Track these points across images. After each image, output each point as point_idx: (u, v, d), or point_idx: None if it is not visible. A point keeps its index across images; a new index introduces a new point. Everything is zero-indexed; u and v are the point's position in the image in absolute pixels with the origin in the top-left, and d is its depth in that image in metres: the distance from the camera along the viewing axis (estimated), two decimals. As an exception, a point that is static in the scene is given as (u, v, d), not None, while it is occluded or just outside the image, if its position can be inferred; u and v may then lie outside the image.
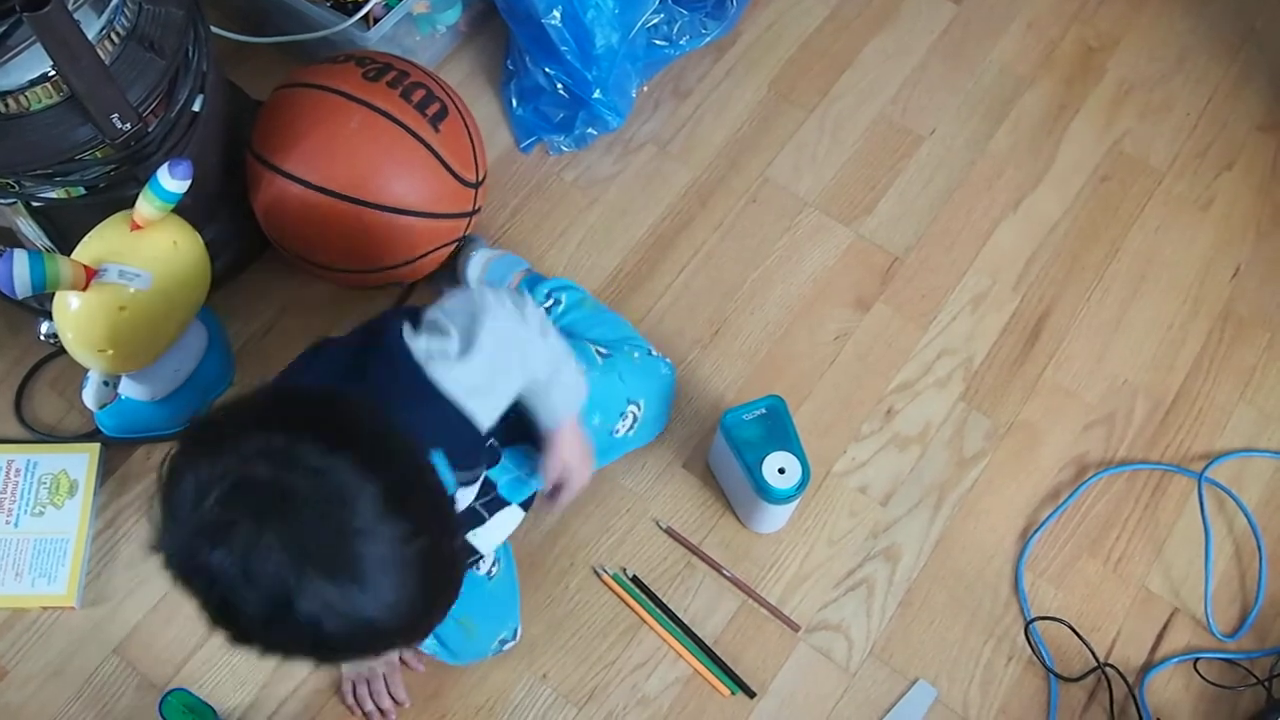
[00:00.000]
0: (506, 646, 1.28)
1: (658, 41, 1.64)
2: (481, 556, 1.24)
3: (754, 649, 1.33)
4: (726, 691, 1.30)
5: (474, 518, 1.20)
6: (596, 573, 1.36)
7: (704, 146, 1.66)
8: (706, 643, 1.32)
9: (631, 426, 1.36)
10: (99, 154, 1.21)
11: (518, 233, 1.57)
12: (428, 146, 1.35)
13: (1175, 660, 1.34)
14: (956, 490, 1.43)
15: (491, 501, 1.22)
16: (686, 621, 1.34)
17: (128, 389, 1.37)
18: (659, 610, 1.33)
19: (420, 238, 1.40)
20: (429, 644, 1.25)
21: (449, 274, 1.48)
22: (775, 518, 1.36)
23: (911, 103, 1.71)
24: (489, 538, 1.23)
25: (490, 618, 1.27)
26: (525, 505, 1.26)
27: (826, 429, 1.45)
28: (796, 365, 1.50)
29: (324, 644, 0.76)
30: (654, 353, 1.40)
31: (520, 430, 1.18)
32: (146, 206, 1.18)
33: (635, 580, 1.36)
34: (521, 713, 1.29)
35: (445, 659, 1.27)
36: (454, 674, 1.31)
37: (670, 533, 1.38)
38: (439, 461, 0.96)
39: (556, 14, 1.51)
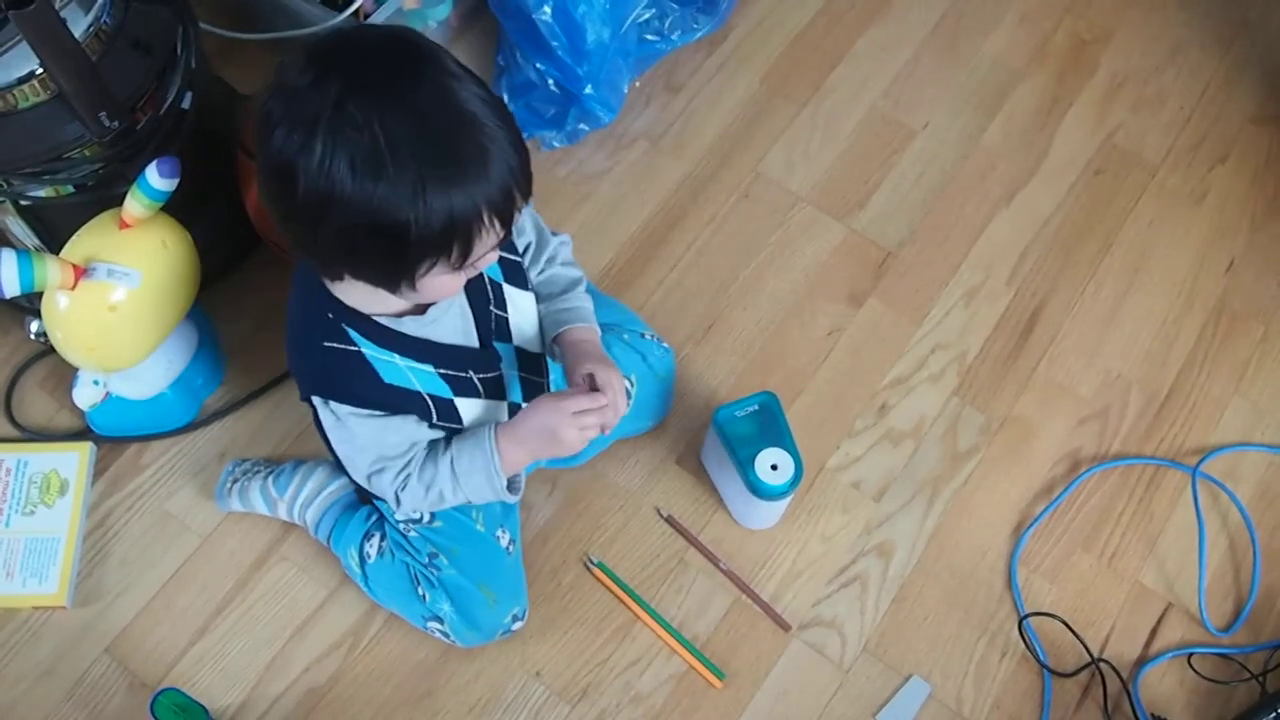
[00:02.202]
0: (517, 625, 1.28)
1: (649, 36, 1.63)
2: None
3: (747, 646, 1.33)
4: (719, 684, 1.30)
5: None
6: (586, 565, 1.36)
7: (696, 141, 1.65)
8: (689, 640, 1.32)
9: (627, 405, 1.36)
10: (87, 152, 1.21)
11: (510, 229, 1.56)
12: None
13: (1169, 655, 1.34)
14: (950, 486, 1.42)
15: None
16: (680, 619, 1.33)
17: (118, 388, 1.37)
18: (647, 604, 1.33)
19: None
20: (446, 622, 1.25)
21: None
22: (768, 514, 1.36)
23: (904, 96, 1.70)
24: (521, 320, 1.20)
25: (508, 591, 1.27)
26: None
27: (820, 425, 1.45)
28: (789, 361, 1.49)
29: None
30: (648, 336, 1.39)
31: None
32: (135, 205, 1.18)
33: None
34: (515, 710, 1.29)
35: (457, 640, 1.27)
36: (447, 672, 1.30)
37: (670, 521, 1.38)
38: None
39: (547, 9, 1.51)
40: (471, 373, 1.13)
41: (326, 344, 1.05)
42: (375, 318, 1.05)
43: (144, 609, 1.33)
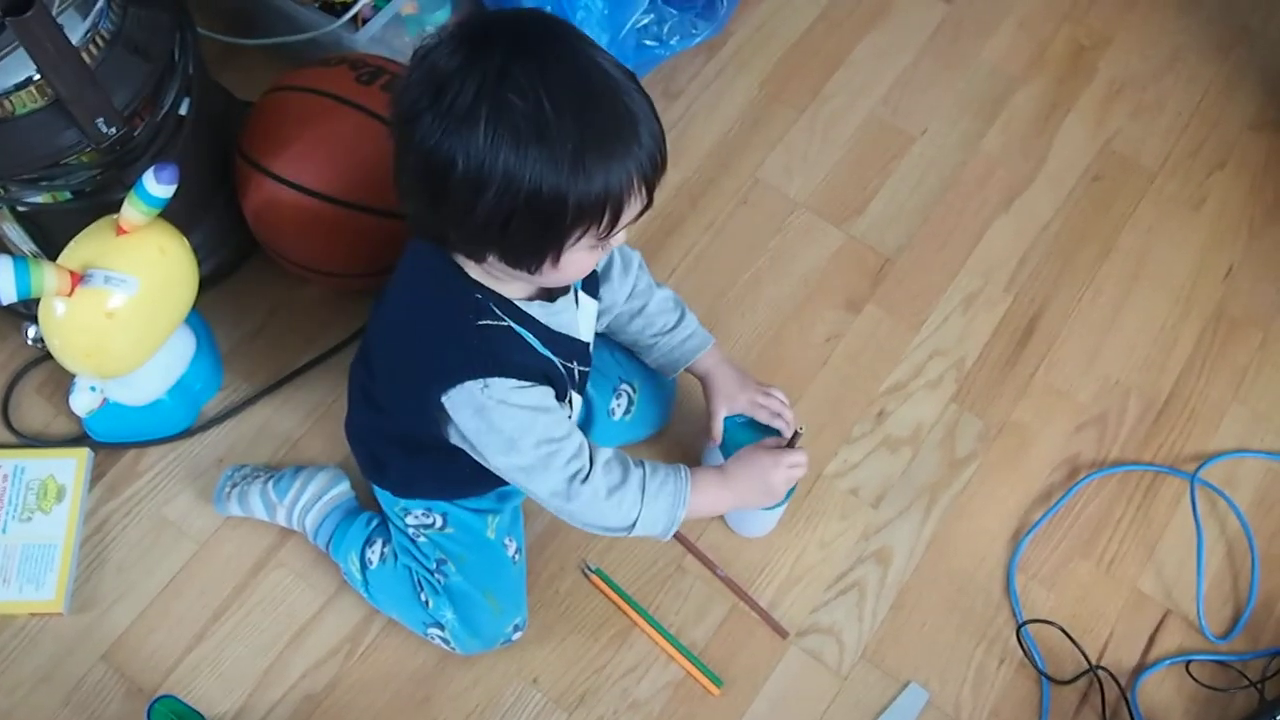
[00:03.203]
0: (517, 635, 1.28)
1: (648, 42, 1.63)
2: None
3: (745, 653, 1.32)
4: (716, 691, 1.30)
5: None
6: (583, 572, 1.35)
7: (694, 147, 1.65)
8: (687, 647, 1.32)
9: (628, 410, 1.36)
10: (85, 158, 1.21)
11: (508, 234, 1.56)
12: (418, 149, 1.34)
13: (1167, 662, 1.33)
14: (948, 492, 1.42)
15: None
16: (677, 625, 1.33)
17: (115, 394, 1.37)
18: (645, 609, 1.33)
19: (410, 240, 1.39)
20: (447, 629, 1.25)
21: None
22: (763, 523, 1.36)
23: (903, 102, 1.70)
24: (586, 326, 1.20)
25: (512, 600, 1.27)
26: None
27: (818, 431, 1.45)
28: (788, 367, 1.49)
29: None
30: None
31: None
32: (133, 211, 1.18)
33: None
34: (512, 717, 1.29)
35: (457, 647, 1.27)
36: (444, 679, 1.30)
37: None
38: None
39: (546, 15, 1.51)
40: (575, 364, 1.14)
41: (481, 322, 1.04)
42: (513, 300, 1.06)
43: (141, 615, 1.33)
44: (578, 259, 1.00)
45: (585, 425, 1.34)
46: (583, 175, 0.92)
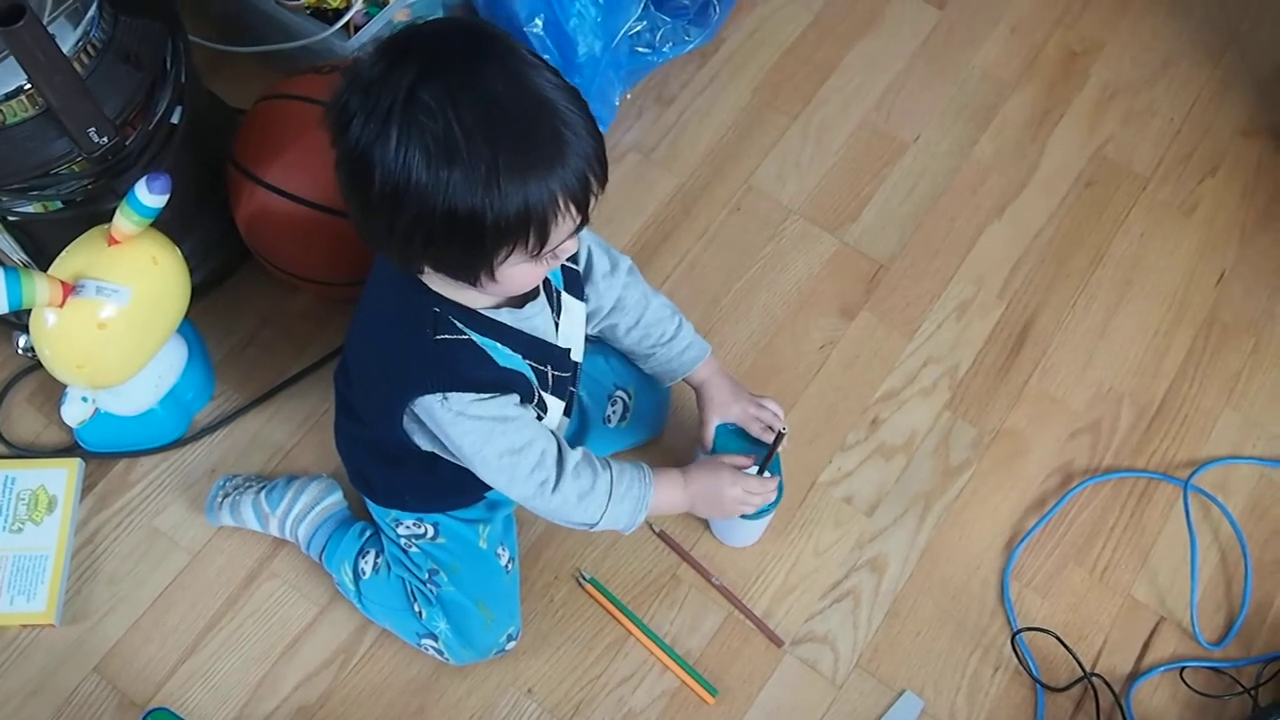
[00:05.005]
0: (511, 645, 1.28)
1: (640, 49, 1.63)
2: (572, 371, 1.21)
3: (740, 661, 1.32)
4: (711, 701, 1.30)
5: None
6: (578, 581, 1.35)
7: (688, 154, 1.65)
8: (681, 656, 1.32)
9: (624, 417, 1.36)
10: (76, 168, 1.20)
11: (501, 242, 1.56)
12: (410, 157, 1.34)
13: (1161, 669, 1.34)
14: (942, 500, 1.42)
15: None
16: (672, 635, 1.33)
17: (106, 404, 1.36)
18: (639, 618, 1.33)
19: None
20: (441, 640, 1.25)
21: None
22: (747, 533, 1.36)
23: (895, 109, 1.70)
24: (571, 329, 1.20)
25: (506, 610, 1.27)
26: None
27: (812, 439, 1.45)
28: (781, 375, 1.49)
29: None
30: None
31: None
32: (124, 221, 1.17)
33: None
34: (507, 728, 1.29)
35: (451, 658, 1.26)
36: (439, 689, 1.30)
37: (662, 536, 1.38)
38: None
39: (539, 22, 1.50)
40: (549, 368, 1.14)
41: (439, 337, 1.04)
42: (477, 309, 1.06)
43: (133, 627, 1.32)
44: (517, 274, 0.99)
45: (580, 432, 1.34)
46: (498, 195, 0.90)
